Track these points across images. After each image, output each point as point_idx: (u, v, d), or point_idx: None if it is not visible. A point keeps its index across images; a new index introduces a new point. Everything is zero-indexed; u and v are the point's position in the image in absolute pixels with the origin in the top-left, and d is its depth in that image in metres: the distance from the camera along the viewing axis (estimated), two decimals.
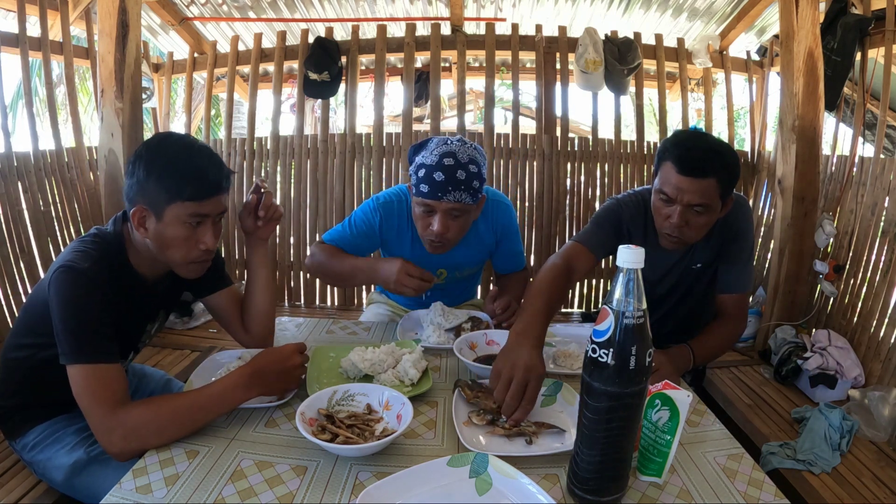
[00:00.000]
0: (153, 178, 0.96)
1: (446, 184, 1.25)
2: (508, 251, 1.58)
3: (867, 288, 2.08)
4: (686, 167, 1.16)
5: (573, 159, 2.95)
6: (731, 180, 1.19)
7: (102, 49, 2.24)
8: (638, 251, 0.67)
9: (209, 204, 1.00)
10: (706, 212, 1.19)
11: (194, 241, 1.02)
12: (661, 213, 1.25)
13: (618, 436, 0.71)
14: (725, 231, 1.33)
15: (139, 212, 0.99)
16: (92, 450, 1.05)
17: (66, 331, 0.90)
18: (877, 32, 2.21)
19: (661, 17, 3.15)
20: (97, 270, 0.95)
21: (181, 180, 0.96)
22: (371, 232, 1.46)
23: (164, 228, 0.99)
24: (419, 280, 1.31)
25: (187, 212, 0.98)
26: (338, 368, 1.13)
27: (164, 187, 0.96)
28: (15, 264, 1.97)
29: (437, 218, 1.30)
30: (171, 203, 0.97)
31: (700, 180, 1.16)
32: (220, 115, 4.61)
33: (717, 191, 1.17)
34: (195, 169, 0.98)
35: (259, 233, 1.21)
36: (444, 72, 3.43)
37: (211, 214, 1.02)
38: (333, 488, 0.78)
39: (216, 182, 1.00)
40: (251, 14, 3.19)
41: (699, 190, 1.16)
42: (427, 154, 1.29)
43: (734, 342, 1.36)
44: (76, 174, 2.39)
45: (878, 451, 1.62)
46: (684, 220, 1.20)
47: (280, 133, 3.00)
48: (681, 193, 1.18)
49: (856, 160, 2.25)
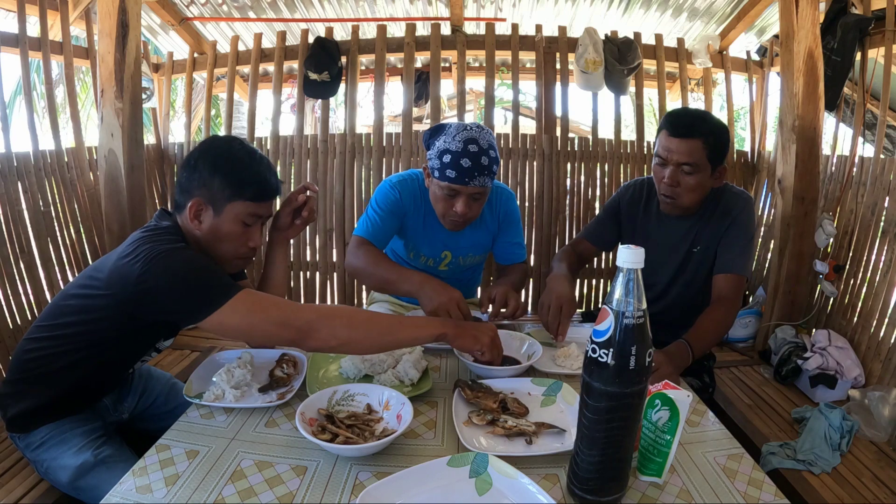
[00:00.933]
0: (219, 176, 1.04)
1: (472, 170, 1.34)
2: (510, 239, 1.62)
3: (867, 288, 2.08)
4: (675, 129, 1.35)
5: (573, 159, 2.94)
6: (717, 144, 1.35)
7: (102, 49, 2.24)
8: (638, 251, 0.67)
9: (264, 206, 1.10)
10: (695, 172, 1.35)
11: (244, 239, 1.09)
12: (657, 176, 1.42)
13: (618, 436, 0.71)
14: (725, 216, 1.43)
15: (196, 204, 1.05)
16: (99, 453, 1.05)
17: (193, 291, 0.91)
18: (877, 32, 2.21)
19: (661, 17, 3.15)
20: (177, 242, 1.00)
21: (246, 181, 1.06)
22: (396, 207, 1.52)
23: (221, 223, 1.06)
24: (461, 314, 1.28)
25: (246, 211, 1.06)
26: (338, 368, 1.13)
27: (228, 185, 1.04)
28: (15, 264, 1.97)
29: (462, 200, 1.39)
30: (232, 201, 1.05)
31: (687, 140, 1.33)
32: (220, 115, 4.61)
33: (703, 151, 1.34)
34: (259, 173, 1.08)
35: (288, 232, 1.28)
36: (444, 72, 3.43)
37: (263, 216, 1.11)
38: (333, 488, 0.78)
39: (274, 188, 1.11)
40: (251, 14, 3.19)
41: (687, 150, 1.34)
42: (449, 140, 1.35)
43: (729, 326, 1.40)
44: (76, 174, 2.39)
45: (878, 451, 1.62)
46: (675, 180, 1.37)
47: (280, 133, 3.01)
48: (670, 154, 1.36)
49: (856, 160, 2.25)
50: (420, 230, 1.56)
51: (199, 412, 0.99)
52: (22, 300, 1.95)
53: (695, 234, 1.48)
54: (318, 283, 3.06)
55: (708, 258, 1.47)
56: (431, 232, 1.55)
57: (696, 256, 1.49)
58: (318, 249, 3.01)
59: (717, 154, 1.36)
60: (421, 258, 1.61)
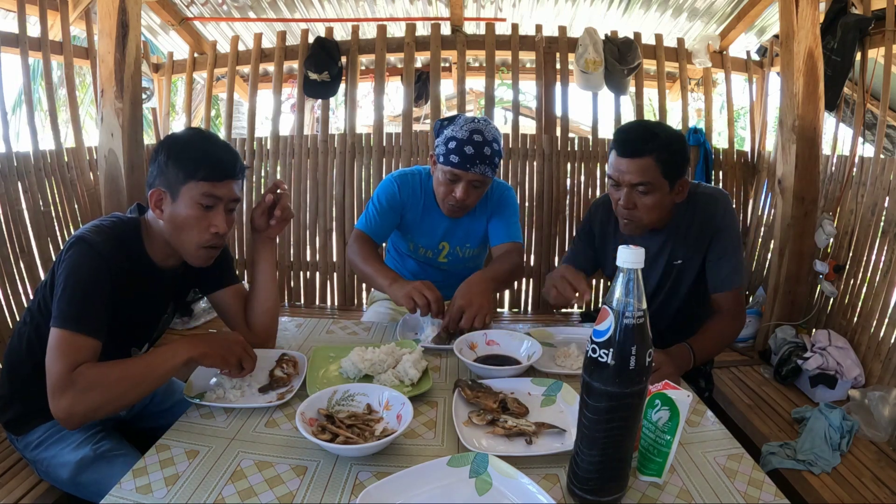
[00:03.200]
0: (171, 160, 1.02)
1: (474, 157, 1.41)
2: (503, 219, 1.63)
3: (867, 288, 2.08)
4: (623, 149, 1.25)
5: (573, 159, 2.94)
6: (671, 159, 1.24)
7: (102, 49, 2.24)
8: (638, 251, 0.67)
9: (222, 187, 1.04)
10: (650, 191, 1.25)
11: (206, 224, 1.05)
12: (613, 199, 1.33)
13: (618, 436, 0.71)
14: (705, 227, 1.34)
15: (156, 193, 1.04)
16: (98, 447, 1.05)
17: (62, 296, 0.94)
18: (877, 32, 2.21)
19: (661, 17, 3.16)
20: (109, 247, 0.99)
21: (196, 161, 1.02)
22: (393, 202, 1.59)
23: (179, 208, 1.03)
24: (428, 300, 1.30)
25: (201, 191, 1.03)
26: (338, 368, 1.13)
27: (181, 167, 1.02)
28: (15, 264, 1.97)
29: (461, 186, 1.45)
30: (187, 182, 1.02)
31: (637, 160, 1.23)
32: (220, 115, 4.61)
33: (656, 169, 1.23)
34: (211, 153, 1.04)
35: (269, 232, 1.24)
36: (444, 72, 3.43)
37: (223, 199, 1.06)
38: (333, 488, 0.78)
39: (230, 166, 1.05)
40: (251, 14, 3.19)
41: (638, 169, 1.23)
42: (457, 129, 1.44)
43: (734, 338, 1.36)
44: (76, 174, 2.39)
45: (878, 451, 1.62)
46: (631, 202, 1.28)
47: (280, 133, 3.01)
48: (621, 175, 1.26)
49: (856, 160, 2.25)
50: (418, 222, 1.62)
51: (199, 412, 0.99)
52: (22, 300, 1.95)
53: (672, 247, 1.38)
54: (318, 283, 3.06)
55: (692, 269, 1.39)
56: (429, 224, 1.61)
57: (677, 269, 1.40)
58: (318, 249, 3.01)
59: (672, 169, 1.25)
60: (420, 250, 1.66)
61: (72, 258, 0.96)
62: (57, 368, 0.91)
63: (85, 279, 0.95)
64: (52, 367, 0.91)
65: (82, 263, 0.96)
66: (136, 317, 1.08)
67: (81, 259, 0.96)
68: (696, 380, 1.53)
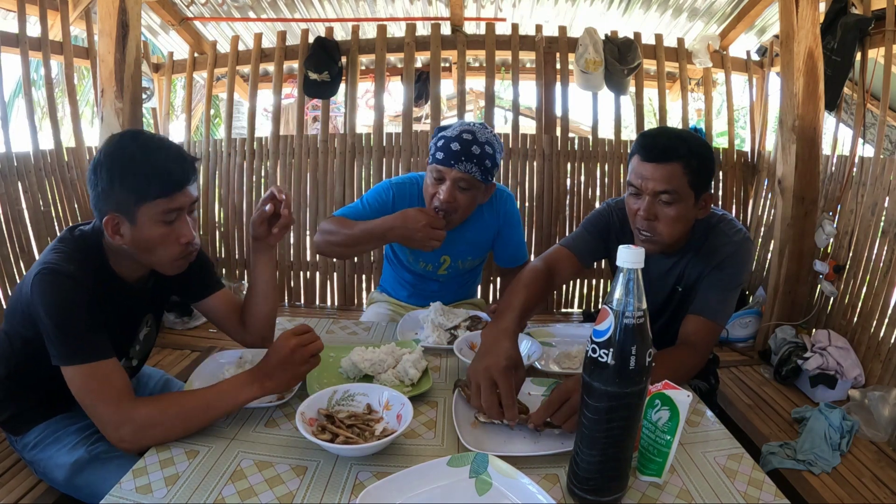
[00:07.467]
0: (117, 183, 0.94)
1: (460, 154, 1.34)
2: (510, 240, 1.60)
3: (867, 288, 2.08)
4: (650, 153, 1.14)
5: (573, 159, 2.95)
6: (700, 168, 1.14)
7: (102, 49, 2.24)
8: (638, 251, 0.67)
9: (179, 198, 0.97)
10: (675, 201, 1.14)
11: (174, 238, 1.00)
12: (632, 209, 1.20)
13: (618, 436, 0.71)
14: (711, 257, 1.22)
15: (112, 220, 0.96)
16: (93, 448, 1.05)
17: (57, 334, 0.90)
18: (877, 32, 2.21)
19: (661, 17, 3.16)
20: (80, 272, 0.94)
21: (146, 180, 0.94)
22: (384, 209, 1.48)
23: (141, 231, 0.97)
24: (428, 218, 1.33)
25: (159, 210, 0.96)
26: (338, 368, 1.13)
27: (130, 190, 0.94)
28: (15, 264, 1.97)
29: (446, 186, 1.36)
30: (141, 205, 0.95)
31: (664, 165, 1.12)
32: (220, 115, 4.61)
33: (683, 177, 1.13)
34: (157, 166, 0.95)
35: (269, 239, 1.18)
36: (444, 72, 3.42)
37: (184, 207, 1.00)
38: (333, 488, 0.78)
39: (182, 175, 0.97)
40: (251, 14, 3.19)
41: (664, 176, 1.12)
42: (449, 129, 1.40)
43: (689, 374, 1.15)
44: (76, 174, 2.39)
45: (878, 451, 1.62)
46: (652, 213, 1.16)
47: (280, 133, 3.01)
48: (646, 181, 1.14)
49: (856, 160, 2.25)
50: None
51: None
52: None
53: (680, 272, 1.28)
54: (318, 283, 3.06)
55: (690, 299, 1.26)
56: None
57: (679, 296, 1.31)
58: None
59: (700, 180, 1.14)
60: (420, 263, 1.60)
61: (45, 293, 0.90)
62: (104, 408, 0.89)
63: (68, 308, 0.90)
64: (96, 408, 0.89)
65: (62, 296, 0.91)
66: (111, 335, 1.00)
67: (54, 290, 0.91)
68: (706, 377, 1.44)
